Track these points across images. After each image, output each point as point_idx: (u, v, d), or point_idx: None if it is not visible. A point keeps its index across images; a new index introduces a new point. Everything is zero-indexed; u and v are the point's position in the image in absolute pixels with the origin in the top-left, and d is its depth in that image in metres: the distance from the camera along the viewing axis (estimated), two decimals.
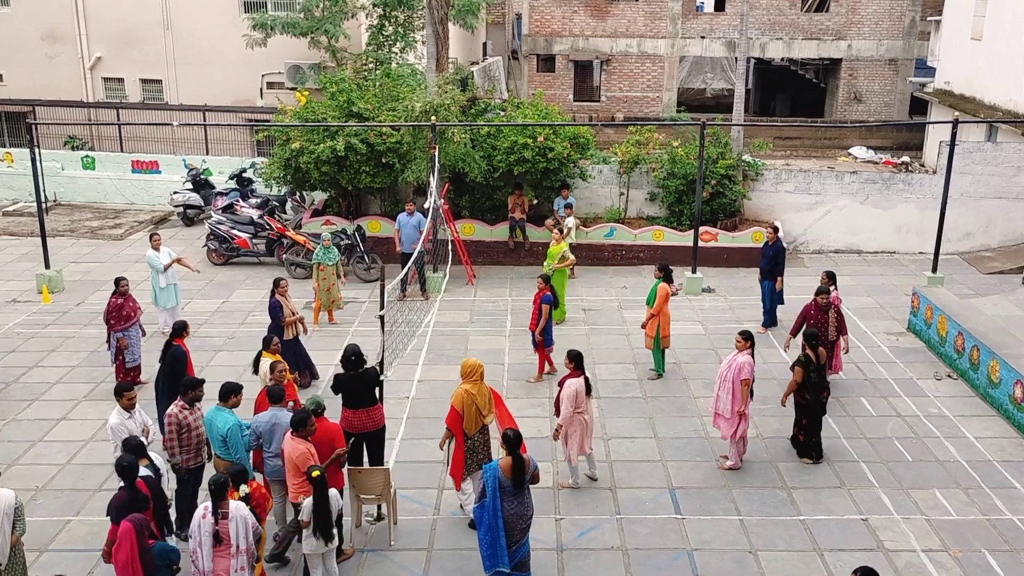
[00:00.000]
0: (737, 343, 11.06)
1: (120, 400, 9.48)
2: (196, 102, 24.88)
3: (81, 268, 18.98)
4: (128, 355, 12.97)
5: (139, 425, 9.48)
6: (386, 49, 23.00)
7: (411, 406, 12.83)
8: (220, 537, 7.95)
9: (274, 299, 13.07)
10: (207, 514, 7.98)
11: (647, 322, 13.63)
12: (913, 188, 20.15)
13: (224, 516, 7.99)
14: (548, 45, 32.91)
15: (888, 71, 32.17)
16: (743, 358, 10.89)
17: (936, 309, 14.76)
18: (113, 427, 9.40)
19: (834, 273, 13.66)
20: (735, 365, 10.89)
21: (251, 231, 19.26)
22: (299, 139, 18.32)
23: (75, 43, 25.76)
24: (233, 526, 8.01)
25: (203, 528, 7.95)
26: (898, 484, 10.93)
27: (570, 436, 10.51)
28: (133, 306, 13.15)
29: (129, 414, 9.47)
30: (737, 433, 10.99)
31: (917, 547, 9.72)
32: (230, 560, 7.98)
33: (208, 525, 7.94)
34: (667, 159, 19.78)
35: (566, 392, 10.38)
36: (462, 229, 19.08)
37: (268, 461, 9.43)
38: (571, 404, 10.33)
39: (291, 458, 8.83)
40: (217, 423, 9.32)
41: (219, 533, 7.95)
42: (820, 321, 12.69)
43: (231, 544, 7.98)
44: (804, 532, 9.98)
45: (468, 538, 9.56)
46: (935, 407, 12.91)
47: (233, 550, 7.99)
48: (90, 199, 24.07)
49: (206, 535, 7.93)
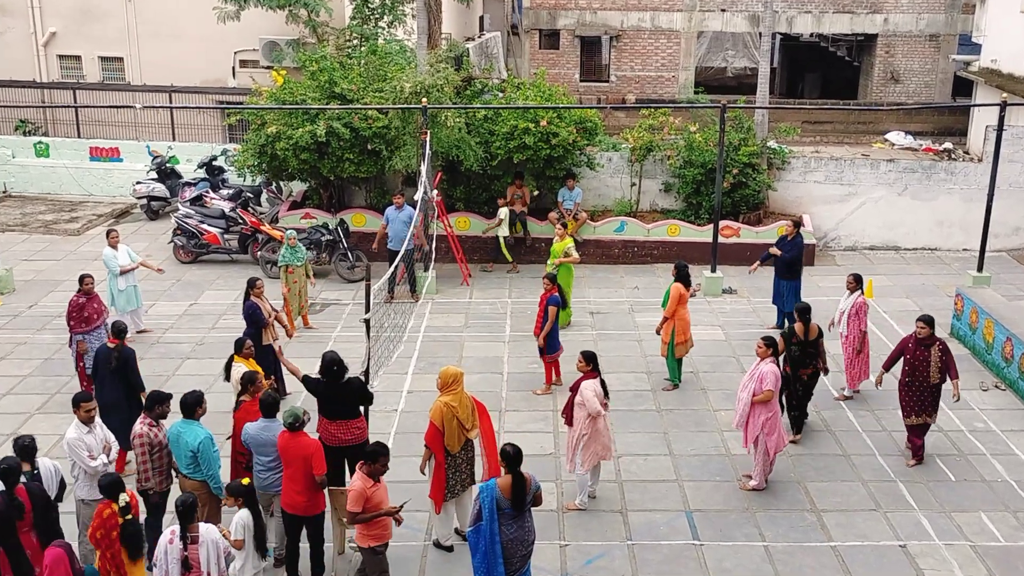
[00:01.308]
0: (758, 350, 11.09)
1: (78, 412, 9.37)
2: (161, 82, 24.86)
3: (34, 266, 18.97)
4: (88, 360, 12.97)
5: (99, 441, 9.41)
6: (372, 23, 22.99)
7: (399, 420, 12.83)
8: (189, 564, 7.93)
9: (250, 301, 13.07)
10: (174, 539, 7.96)
11: (661, 326, 13.64)
12: (956, 178, 20.15)
13: (194, 540, 7.98)
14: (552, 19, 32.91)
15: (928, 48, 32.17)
16: (766, 367, 10.90)
17: (982, 312, 14.76)
18: (70, 442, 9.29)
19: (860, 275, 13.63)
20: (757, 375, 10.90)
21: (222, 226, 19.26)
22: (275, 123, 18.32)
23: (27, 17, 25.73)
24: (203, 551, 8.00)
25: (170, 554, 7.92)
26: (940, 507, 10.92)
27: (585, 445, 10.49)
28: (98, 308, 13.18)
29: (88, 428, 9.37)
30: (759, 447, 10.99)
31: None
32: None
33: (176, 551, 7.92)
34: (683, 146, 19.79)
35: (585, 393, 10.38)
36: (456, 223, 19.08)
37: (259, 475, 9.49)
38: (592, 406, 10.33)
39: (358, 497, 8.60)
40: (186, 437, 9.27)
41: (188, 559, 7.93)
42: (919, 358, 11.47)
43: (200, 571, 7.97)
44: (836, 560, 9.97)
45: (462, 566, 9.56)
46: (981, 421, 12.91)
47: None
48: (44, 190, 24.07)
49: (174, 562, 7.92)
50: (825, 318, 16.27)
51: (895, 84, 32.45)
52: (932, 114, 30.06)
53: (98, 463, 9.23)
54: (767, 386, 10.81)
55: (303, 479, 9.12)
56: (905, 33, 32.04)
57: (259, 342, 12.68)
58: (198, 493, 9.23)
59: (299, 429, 9.16)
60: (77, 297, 13.07)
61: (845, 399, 13.45)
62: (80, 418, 9.37)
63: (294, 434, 9.14)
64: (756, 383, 10.88)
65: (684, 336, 13.55)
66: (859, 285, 13.42)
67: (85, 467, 9.23)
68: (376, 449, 8.71)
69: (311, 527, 9.36)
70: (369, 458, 8.66)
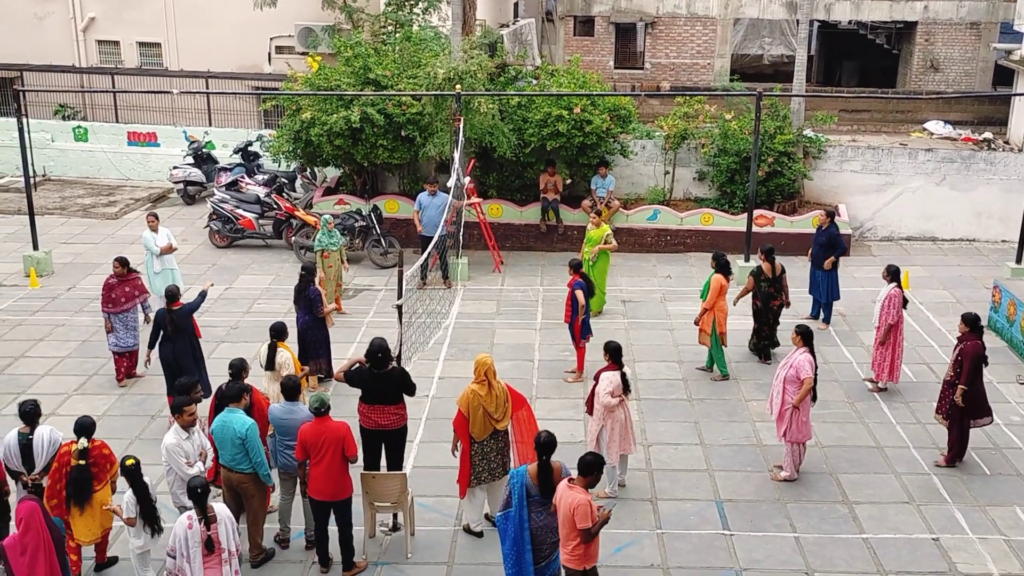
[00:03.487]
0: (793, 340, 11.07)
1: (179, 417, 9.17)
2: (198, 68, 25.04)
3: (72, 249, 19.23)
4: (112, 339, 13.35)
5: (196, 447, 9.27)
6: (407, 10, 22.98)
7: (431, 405, 12.89)
8: (212, 544, 8.00)
9: (315, 287, 13.32)
10: (193, 523, 8.00)
11: (700, 317, 13.60)
12: (996, 168, 19.87)
13: (213, 520, 8.08)
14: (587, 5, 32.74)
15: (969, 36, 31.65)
16: (801, 356, 10.86)
17: (1020, 304, 14.58)
18: (169, 448, 9.13)
19: (894, 267, 13.40)
20: (793, 364, 10.86)
21: (257, 211, 19.40)
22: (310, 109, 18.40)
23: (67, 2, 25.98)
24: (222, 528, 8.10)
25: (191, 539, 7.96)
26: (974, 500, 10.83)
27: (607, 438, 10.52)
28: (130, 291, 13.40)
29: (187, 434, 9.20)
30: (791, 436, 10.94)
31: (995, 571, 9.65)
32: (222, 568, 8.08)
33: (198, 533, 7.97)
34: (718, 134, 19.66)
35: (603, 386, 10.42)
36: (489, 210, 19.09)
37: (282, 452, 9.65)
38: (607, 399, 10.37)
39: (589, 511, 7.90)
40: (233, 425, 9.29)
41: (212, 539, 8.01)
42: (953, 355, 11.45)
43: (222, 549, 8.07)
44: (867, 552, 9.92)
45: (492, 552, 9.61)
46: (1017, 414, 12.77)
47: (225, 555, 8.09)
48: (82, 174, 24.35)
49: (195, 545, 7.96)
50: (860, 308, 16.24)
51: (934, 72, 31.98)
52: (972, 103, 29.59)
53: (195, 470, 9.06)
54: (804, 375, 10.76)
55: (332, 466, 9.18)
56: (945, 21, 31.55)
57: (320, 330, 13.03)
58: (245, 486, 9.36)
59: (325, 414, 9.21)
60: (109, 278, 13.45)
61: (879, 391, 13.32)
62: (181, 424, 9.18)
63: (321, 419, 9.19)
64: (790, 371, 10.83)
65: (724, 327, 13.49)
66: (892, 277, 13.21)
67: (182, 474, 9.05)
68: (591, 461, 8.10)
69: (339, 511, 9.44)
70: (585, 471, 8.08)
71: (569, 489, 8.00)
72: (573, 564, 8.09)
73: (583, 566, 8.09)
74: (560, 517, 8.04)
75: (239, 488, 9.42)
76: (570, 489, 8.00)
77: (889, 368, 13.20)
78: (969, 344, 11.21)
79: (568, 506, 7.91)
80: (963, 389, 11.11)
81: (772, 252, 14.04)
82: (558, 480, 8.41)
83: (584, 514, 7.84)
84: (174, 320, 12.00)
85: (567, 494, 7.98)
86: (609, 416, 10.51)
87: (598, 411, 10.52)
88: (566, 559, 8.11)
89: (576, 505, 7.85)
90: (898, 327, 13.07)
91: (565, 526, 7.98)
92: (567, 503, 7.93)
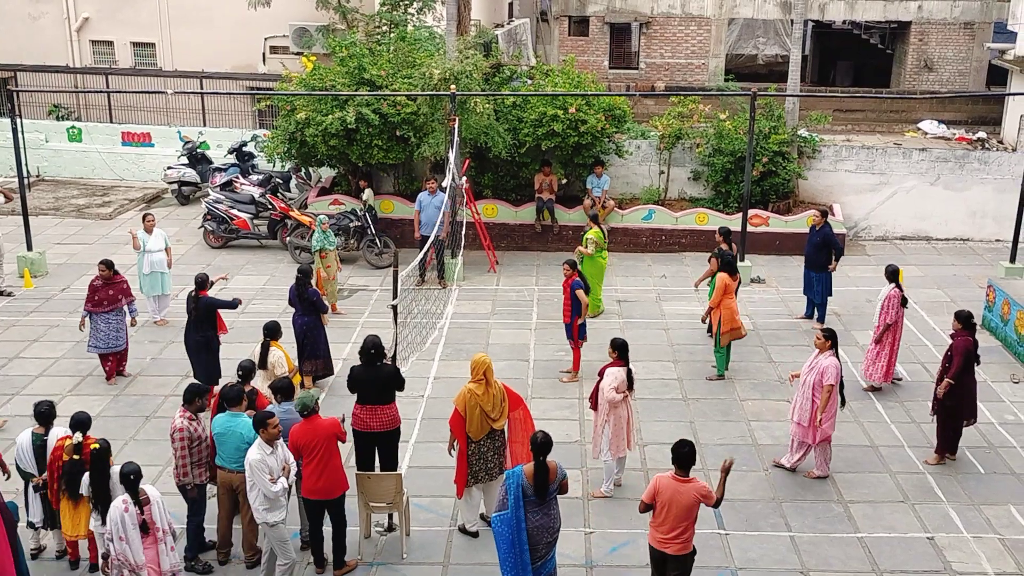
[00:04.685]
0: (817, 342, 10.97)
1: (263, 431, 8.85)
2: (192, 68, 25.01)
3: (66, 250, 19.19)
4: (91, 339, 13.44)
5: (280, 461, 8.95)
6: (401, 10, 22.98)
7: (426, 406, 12.89)
8: (147, 526, 8.31)
9: (313, 288, 13.33)
10: (129, 506, 8.28)
11: (707, 316, 13.62)
12: (990, 167, 19.91)
13: (146, 503, 8.37)
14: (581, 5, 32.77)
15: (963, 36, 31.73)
16: (827, 360, 10.79)
17: (1014, 304, 14.61)
18: (253, 464, 8.78)
19: (893, 267, 13.38)
20: (818, 368, 10.81)
21: (252, 211, 19.38)
22: (305, 109, 18.38)
23: (60, 2, 25.94)
24: (155, 508, 8.42)
25: (128, 522, 8.26)
26: (969, 499, 10.85)
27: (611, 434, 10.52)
28: (111, 295, 13.43)
29: (271, 448, 8.87)
30: (821, 436, 10.97)
31: (989, 570, 9.66)
32: (158, 546, 8.39)
33: (134, 516, 8.27)
34: (713, 134, 19.68)
35: (607, 380, 10.43)
36: (484, 210, 19.09)
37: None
38: (611, 394, 10.38)
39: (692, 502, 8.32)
40: (240, 431, 9.27)
41: (146, 522, 8.32)
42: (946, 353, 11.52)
43: (158, 528, 8.41)
44: (862, 551, 9.94)
45: (487, 552, 9.60)
46: (1011, 413, 12.80)
47: (160, 534, 8.42)
48: (76, 174, 24.30)
49: (132, 528, 8.26)
50: (855, 307, 16.27)
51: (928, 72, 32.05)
52: (966, 103, 29.69)
53: (279, 487, 8.82)
54: (828, 381, 10.71)
55: (324, 463, 9.20)
56: (939, 20, 31.63)
57: (318, 328, 13.12)
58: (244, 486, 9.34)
59: (312, 413, 9.24)
60: (95, 279, 13.50)
61: (872, 390, 13.34)
62: (264, 438, 8.85)
63: (308, 420, 9.22)
64: (816, 375, 10.79)
65: (729, 325, 13.48)
66: (892, 278, 13.19)
67: (266, 491, 8.79)
68: (688, 452, 8.36)
69: (333, 510, 9.45)
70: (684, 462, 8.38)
71: (682, 483, 8.34)
72: (685, 549, 8.51)
73: (692, 547, 8.57)
74: (674, 510, 8.35)
75: (239, 488, 9.41)
76: (684, 483, 8.33)
77: (884, 368, 13.20)
78: (960, 340, 11.20)
79: (691, 496, 8.30)
80: (949, 383, 11.10)
81: (730, 233, 15.13)
82: (554, 480, 8.44)
83: (710, 495, 8.37)
84: (197, 307, 12.52)
85: (683, 487, 8.31)
86: (613, 412, 10.52)
87: (602, 407, 10.53)
88: (678, 549, 8.45)
89: (703, 491, 8.34)
90: (896, 327, 13.06)
91: (681, 516, 8.34)
92: (688, 495, 8.30)
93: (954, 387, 11.15)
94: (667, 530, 8.41)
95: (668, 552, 8.47)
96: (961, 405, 11.29)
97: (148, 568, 8.30)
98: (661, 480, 8.43)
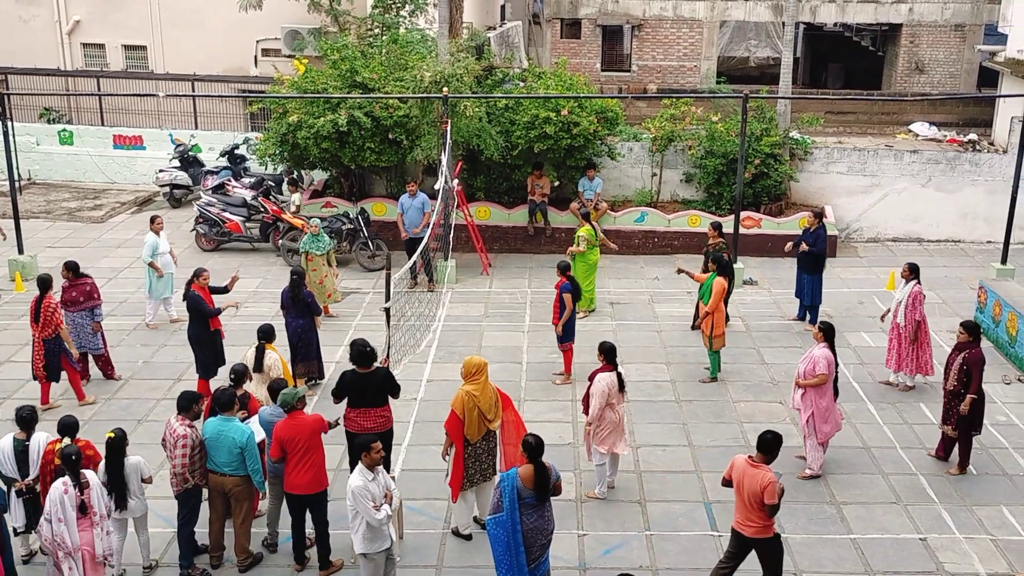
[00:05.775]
0: (814, 336, 11.31)
1: (366, 457, 8.54)
2: (184, 71, 24.96)
3: (57, 253, 19.09)
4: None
5: (382, 488, 8.62)
6: (393, 12, 22.96)
7: (419, 408, 12.87)
8: (86, 508, 8.49)
9: (308, 291, 13.39)
10: (68, 488, 8.45)
11: (702, 321, 13.62)
12: (981, 169, 19.97)
13: (86, 485, 8.56)
14: (573, 8, 32.78)
15: (954, 38, 31.81)
16: (819, 351, 11.02)
17: (1005, 305, 14.65)
18: (356, 491, 8.43)
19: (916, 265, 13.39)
20: (811, 358, 11.02)
21: (244, 214, 19.35)
22: (297, 112, 18.37)
23: (51, 5, 25.86)
24: (94, 494, 8.60)
25: (67, 503, 8.41)
26: (961, 500, 10.87)
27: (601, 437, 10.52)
28: (75, 296, 13.39)
29: (373, 475, 8.55)
30: (812, 435, 11.05)
31: (981, 570, 9.69)
32: (94, 529, 8.56)
33: (72, 498, 8.44)
34: (705, 136, 19.70)
35: (596, 387, 10.43)
36: (476, 213, 19.09)
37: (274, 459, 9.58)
38: (601, 400, 10.37)
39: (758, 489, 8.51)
40: (232, 435, 9.25)
41: (84, 503, 8.49)
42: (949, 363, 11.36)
43: (95, 512, 8.57)
44: (855, 552, 9.95)
45: (481, 555, 9.60)
46: (1003, 414, 12.83)
47: (96, 518, 8.58)
48: (68, 177, 24.24)
49: (71, 508, 8.42)
50: (846, 309, 16.30)
51: (919, 74, 32.12)
52: (957, 105, 29.74)
53: (383, 515, 8.49)
54: (820, 370, 10.86)
55: (307, 458, 9.22)
56: (930, 23, 31.70)
57: (311, 331, 13.18)
58: (237, 489, 9.35)
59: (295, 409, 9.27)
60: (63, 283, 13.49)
61: (907, 389, 13.40)
62: (366, 463, 8.54)
63: (292, 415, 9.26)
64: (810, 366, 10.97)
65: (721, 329, 13.51)
66: (914, 275, 13.23)
67: (370, 520, 8.45)
68: (771, 439, 8.64)
69: (314, 507, 9.45)
70: (766, 448, 8.65)
71: (753, 468, 8.58)
72: (762, 534, 8.73)
73: (771, 533, 8.77)
74: (745, 494, 8.62)
75: (232, 492, 9.40)
76: (754, 468, 8.58)
77: (927, 363, 13.27)
78: (973, 352, 11.13)
79: (757, 484, 8.50)
80: (973, 398, 11.02)
81: (720, 226, 15.53)
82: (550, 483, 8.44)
83: (772, 492, 8.47)
84: (187, 301, 12.83)
85: (751, 472, 8.56)
86: (605, 416, 10.50)
87: (593, 410, 10.51)
88: (754, 532, 8.71)
89: (765, 484, 8.47)
90: (924, 323, 13.15)
91: (752, 503, 8.57)
92: (754, 482, 8.52)
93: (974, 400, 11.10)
94: (739, 510, 8.76)
95: (745, 535, 8.74)
96: (975, 416, 11.25)
97: (83, 550, 8.47)
98: (738, 459, 8.79)
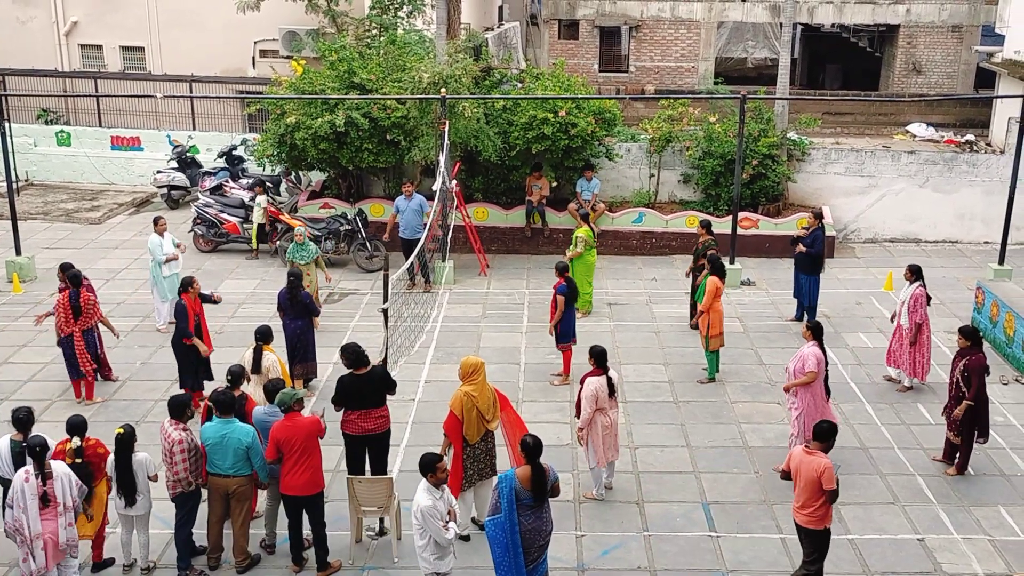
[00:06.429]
0: (803, 334, 11.41)
1: (431, 476, 8.31)
2: (182, 72, 24.96)
3: (55, 254, 19.07)
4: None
5: (446, 505, 8.44)
6: (391, 13, 22.99)
7: (417, 409, 12.87)
8: (48, 498, 8.51)
9: (306, 292, 13.42)
10: (30, 477, 8.48)
11: (697, 320, 13.63)
12: (978, 170, 19.99)
13: (49, 476, 8.54)
14: (571, 9, 32.81)
15: (951, 39, 31.87)
16: (808, 349, 11.08)
17: (1003, 305, 14.66)
18: (425, 511, 8.22)
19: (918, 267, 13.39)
20: (800, 356, 11.08)
21: (242, 215, 19.34)
22: (295, 113, 18.36)
23: (49, 6, 25.86)
24: (59, 484, 8.59)
25: (27, 492, 8.46)
26: (959, 500, 10.87)
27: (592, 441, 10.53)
28: None
29: (439, 492, 8.38)
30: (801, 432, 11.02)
31: (979, 571, 9.69)
32: (57, 520, 8.57)
33: (34, 488, 8.47)
34: (703, 137, 19.71)
35: (585, 391, 10.45)
36: (474, 214, 19.09)
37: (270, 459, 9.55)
38: (590, 405, 10.37)
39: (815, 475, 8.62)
40: (237, 436, 9.23)
41: (47, 494, 8.51)
42: (952, 369, 11.42)
43: (57, 503, 8.57)
44: (853, 553, 9.95)
45: (478, 556, 9.59)
46: (1001, 415, 12.82)
47: (60, 509, 8.57)
48: (65, 178, 24.22)
49: (31, 499, 8.46)
50: (844, 309, 16.31)
51: (917, 75, 32.17)
52: (954, 106, 29.80)
53: (451, 534, 8.35)
54: (808, 367, 10.91)
55: (303, 459, 9.22)
56: (927, 24, 31.75)
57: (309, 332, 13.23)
58: (241, 489, 9.36)
59: (293, 410, 9.27)
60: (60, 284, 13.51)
61: (906, 390, 13.40)
62: (432, 482, 8.32)
63: (289, 416, 9.25)
64: (799, 363, 11.02)
65: (718, 329, 13.51)
66: (916, 276, 13.22)
67: (439, 539, 8.29)
68: (827, 428, 8.81)
69: (311, 508, 9.44)
70: (822, 437, 8.77)
71: (809, 455, 8.70)
72: (814, 524, 8.81)
73: (824, 525, 8.83)
74: (802, 482, 8.72)
75: (235, 492, 9.40)
76: (810, 455, 8.70)
77: (922, 367, 13.27)
78: (974, 359, 11.09)
79: (813, 471, 8.60)
80: (969, 404, 11.01)
81: (710, 224, 15.71)
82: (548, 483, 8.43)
83: (830, 477, 8.56)
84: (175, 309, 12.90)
85: (808, 459, 8.68)
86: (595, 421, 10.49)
87: (583, 416, 10.51)
88: (807, 522, 8.81)
89: (822, 469, 8.57)
90: (925, 325, 13.15)
91: (808, 489, 8.67)
92: (811, 468, 8.63)
93: (972, 406, 11.08)
94: (797, 498, 8.82)
95: (799, 522, 8.87)
96: (979, 421, 11.25)
97: (46, 538, 8.52)
98: (796, 449, 8.95)
